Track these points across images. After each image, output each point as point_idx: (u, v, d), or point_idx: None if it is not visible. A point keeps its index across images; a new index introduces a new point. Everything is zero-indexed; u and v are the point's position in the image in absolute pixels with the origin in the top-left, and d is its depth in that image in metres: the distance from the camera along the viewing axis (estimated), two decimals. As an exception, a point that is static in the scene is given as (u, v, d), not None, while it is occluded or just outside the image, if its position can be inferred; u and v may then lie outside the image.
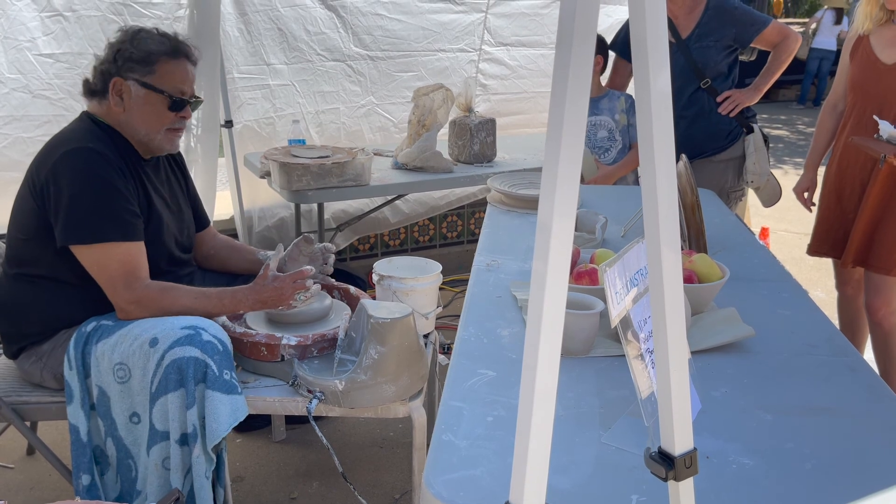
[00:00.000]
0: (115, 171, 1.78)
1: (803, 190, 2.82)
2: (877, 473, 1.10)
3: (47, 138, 2.79)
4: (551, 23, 3.94)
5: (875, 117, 2.36)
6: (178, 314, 1.77)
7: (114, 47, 1.85)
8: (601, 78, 3.17)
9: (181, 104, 1.88)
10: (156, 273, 1.83)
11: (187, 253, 2.06)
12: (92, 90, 1.87)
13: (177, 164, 2.09)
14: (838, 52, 10.74)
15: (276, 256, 1.94)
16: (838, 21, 10.42)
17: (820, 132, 2.74)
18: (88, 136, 1.81)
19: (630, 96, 3.08)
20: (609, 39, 3.15)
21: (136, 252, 1.78)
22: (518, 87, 4.06)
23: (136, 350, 1.70)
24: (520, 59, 4.01)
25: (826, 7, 10.69)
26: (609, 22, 3.93)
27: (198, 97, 1.94)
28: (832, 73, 10.85)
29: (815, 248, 2.74)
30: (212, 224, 2.25)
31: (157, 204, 1.90)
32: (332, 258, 2.09)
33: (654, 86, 0.66)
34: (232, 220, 3.55)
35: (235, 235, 3.50)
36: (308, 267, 1.88)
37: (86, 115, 1.90)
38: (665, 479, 0.79)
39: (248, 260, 2.16)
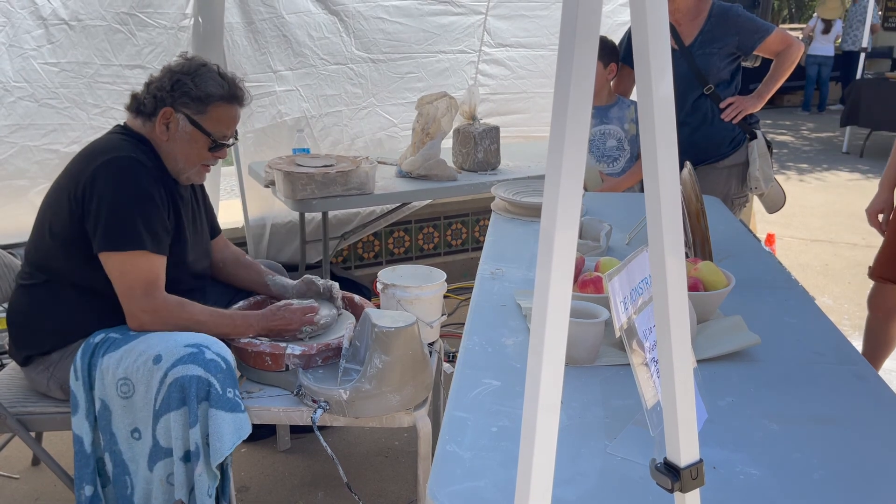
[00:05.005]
0: (155, 183, 1.82)
1: (877, 212, 2.51)
2: (886, 485, 1.09)
3: (54, 147, 2.84)
4: (550, 24, 3.95)
5: None
6: (191, 329, 1.78)
7: (173, 75, 1.87)
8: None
9: (221, 147, 1.94)
10: (172, 290, 1.84)
11: (205, 268, 2.08)
12: (140, 109, 1.89)
13: None
14: (836, 58, 10.80)
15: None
16: (826, 31, 10.43)
17: None
18: (129, 147, 1.84)
19: None
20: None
21: (158, 265, 1.80)
22: (517, 88, 4.06)
23: (140, 366, 1.70)
24: (519, 59, 4.01)
25: (817, 16, 10.70)
26: (608, 24, 3.92)
27: (236, 138, 2.01)
28: (833, 79, 10.85)
29: (880, 273, 2.48)
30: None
31: (185, 223, 1.93)
32: (339, 294, 2.13)
33: (656, 92, 0.65)
34: (241, 229, 3.56)
35: (245, 243, 3.51)
36: (316, 304, 1.97)
37: (124, 128, 1.91)
38: (671, 491, 0.78)
39: (255, 281, 2.17)
